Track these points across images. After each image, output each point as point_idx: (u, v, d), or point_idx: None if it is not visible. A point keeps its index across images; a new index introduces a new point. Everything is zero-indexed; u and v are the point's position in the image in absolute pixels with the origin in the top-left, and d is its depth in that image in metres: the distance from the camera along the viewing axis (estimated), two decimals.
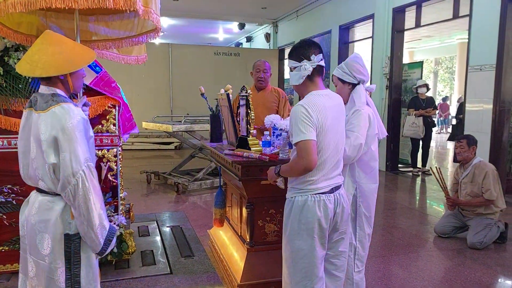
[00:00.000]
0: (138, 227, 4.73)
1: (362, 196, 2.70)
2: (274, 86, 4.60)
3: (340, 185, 2.32)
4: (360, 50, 10.18)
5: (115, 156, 3.44)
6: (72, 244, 1.97)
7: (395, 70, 8.31)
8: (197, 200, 6.17)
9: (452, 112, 18.59)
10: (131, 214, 4.23)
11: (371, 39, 8.88)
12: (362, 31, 9.98)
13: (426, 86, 8.05)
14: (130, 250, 3.55)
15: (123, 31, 3.34)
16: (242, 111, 3.24)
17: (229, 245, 3.60)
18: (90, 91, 3.29)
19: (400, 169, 8.57)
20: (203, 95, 4.24)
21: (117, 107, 3.42)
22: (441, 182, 4.61)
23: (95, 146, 3.29)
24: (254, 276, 3.04)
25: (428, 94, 8.24)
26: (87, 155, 1.94)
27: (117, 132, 3.44)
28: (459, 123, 8.07)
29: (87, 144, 1.97)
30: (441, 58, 25.22)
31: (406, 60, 10.92)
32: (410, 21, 8.25)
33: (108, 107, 3.37)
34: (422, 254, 4.11)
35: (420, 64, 8.86)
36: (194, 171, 7.42)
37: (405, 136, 8.25)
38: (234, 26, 14.80)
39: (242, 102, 3.24)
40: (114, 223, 3.36)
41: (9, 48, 3.15)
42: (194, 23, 14.58)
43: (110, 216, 3.40)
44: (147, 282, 3.40)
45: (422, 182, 7.71)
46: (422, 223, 5.17)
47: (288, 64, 2.35)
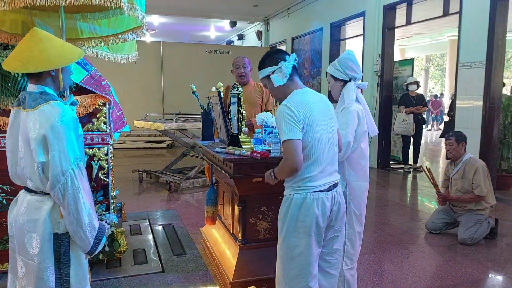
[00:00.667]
0: (130, 225, 4.71)
1: (352, 194, 2.71)
2: (256, 82, 4.53)
3: (337, 182, 2.33)
4: (352, 47, 10.13)
5: (106, 154, 3.41)
6: (62, 244, 1.96)
7: (386, 67, 8.34)
8: (189, 199, 6.16)
9: (445, 109, 18.70)
10: (123, 212, 4.22)
11: (362, 37, 8.92)
12: (353, 28, 10.00)
13: (417, 83, 8.08)
14: (122, 249, 3.53)
15: (109, 29, 3.32)
16: (233, 108, 3.24)
17: (221, 243, 3.60)
18: (80, 89, 3.26)
19: (391, 166, 8.62)
20: (194, 93, 4.23)
21: (107, 106, 3.39)
22: (432, 181, 4.66)
23: (85, 144, 3.30)
24: (246, 274, 3.04)
25: (419, 91, 8.28)
26: (77, 153, 1.93)
27: (108, 130, 3.41)
28: (451, 120, 8.12)
29: (77, 143, 1.95)
30: (431, 55, 25.43)
31: (397, 57, 11.00)
32: (401, 18, 8.29)
33: (99, 105, 3.34)
34: (414, 250, 4.13)
35: (411, 62, 8.91)
36: (186, 170, 7.41)
37: (395, 133, 8.29)
38: (225, 24, 14.77)
39: (233, 100, 3.23)
40: (106, 222, 3.34)
41: None
42: (185, 21, 14.52)
43: (101, 215, 3.38)
44: (139, 281, 3.38)
45: (414, 179, 7.76)
46: (413, 219, 5.21)
47: (262, 74, 2.36)
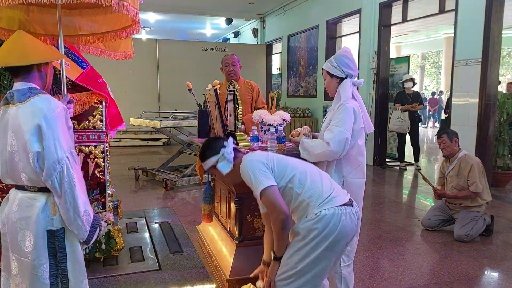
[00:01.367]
0: (127, 223, 4.70)
1: (349, 190, 2.69)
2: (246, 79, 4.49)
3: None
4: (348, 45, 10.19)
5: (102, 152, 3.40)
6: (56, 240, 1.96)
7: (382, 64, 8.35)
8: (185, 196, 6.16)
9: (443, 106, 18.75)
10: (119, 210, 4.20)
11: (358, 34, 8.92)
12: (349, 26, 10.01)
13: (412, 80, 8.06)
14: (118, 247, 3.53)
15: (106, 26, 3.31)
16: (230, 106, 3.24)
17: (218, 240, 3.60)
18: (76, 87, 3.25)
19: (387, 163, 8.64)
20: (190, 90, 4.22)
21: (103, 103, 3.38)
22: (427, 182, 4.71)
23: (82, 142, 3.29)
24: (243, 271, 3.04)
25: (415, 89, 8.28)
26: (70, 143, 1.97)
27: (104, 128, 3.40)
28: (447, 118, 8.15)
29: (68, 133, 1.99)
30: (427, 52, 25.50)
31: (393, 54, 10.99)
32: (397, 15, 8.30)
33: (95, 103, 3.33)
34: (410, 247, 4.15)
35: (407, 59, 8.92)
36: (183, 167, 7.40)
37: (391, 130, 8.29)
38: (221, 21, 14.75)
39: (230, 98, 3.23)
40: (102, 220, 3.34)
41: None
42: (181, 19, 14.49)
43: (98, 212, 3.37)
44: (136, 279, 3.38)
45: (410, 176, 7.78)
46: (409, 216, 5.22)
47: (207, 166, 2.37)
